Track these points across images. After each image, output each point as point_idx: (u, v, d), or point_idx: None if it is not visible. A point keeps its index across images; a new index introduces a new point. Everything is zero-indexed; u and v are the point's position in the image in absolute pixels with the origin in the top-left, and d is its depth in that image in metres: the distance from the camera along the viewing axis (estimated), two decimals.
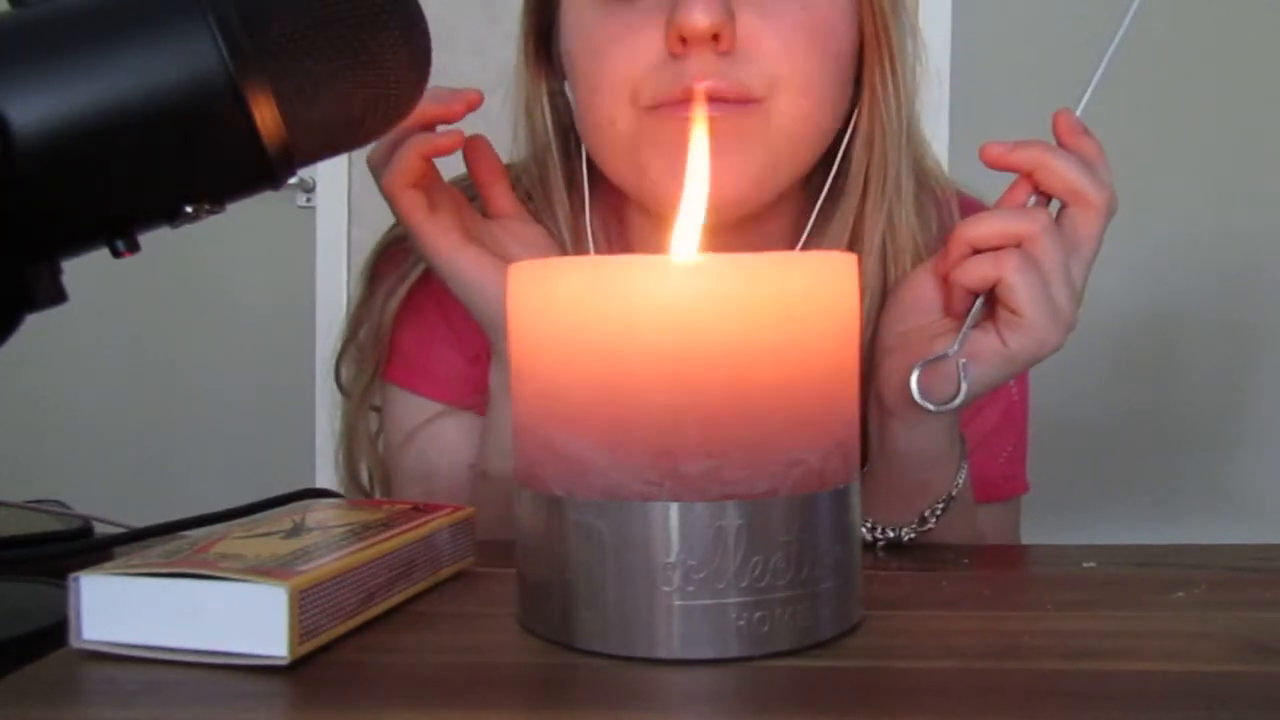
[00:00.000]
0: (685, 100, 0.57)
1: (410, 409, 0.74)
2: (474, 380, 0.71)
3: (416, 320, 0.73)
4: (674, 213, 0.45)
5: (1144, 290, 1.82)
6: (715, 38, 0.57)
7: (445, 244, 0.61)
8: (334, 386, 0.77)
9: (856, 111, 0.65)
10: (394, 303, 0.72)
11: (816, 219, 0.67)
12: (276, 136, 0.40)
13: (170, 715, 0.35)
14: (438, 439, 0.72)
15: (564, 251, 0.68)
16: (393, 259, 0.75)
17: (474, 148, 0.66)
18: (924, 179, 0.70)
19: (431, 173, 0.62)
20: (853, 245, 0.65)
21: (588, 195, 0.69)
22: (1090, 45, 0.56)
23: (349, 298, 0.78)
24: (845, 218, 0.65)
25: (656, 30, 0.58)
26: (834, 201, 0.66)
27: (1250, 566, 0.54)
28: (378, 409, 0.77)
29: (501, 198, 0.67)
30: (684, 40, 0.57)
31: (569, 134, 0.69)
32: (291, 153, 0.41)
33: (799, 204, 0.69)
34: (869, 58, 0.63)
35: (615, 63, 0.60)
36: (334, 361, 0.77)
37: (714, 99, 0.57)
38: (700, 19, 0.56)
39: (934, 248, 0.65)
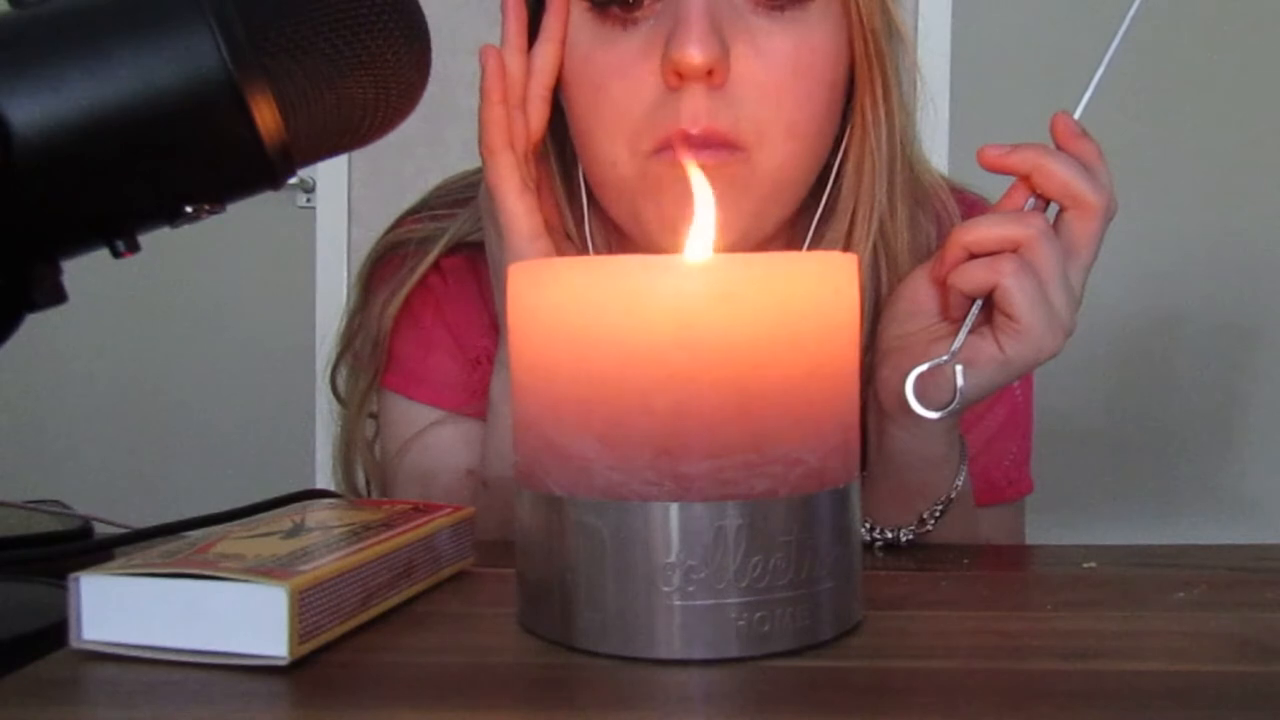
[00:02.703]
0: (680, 143, 0.57)
1: (408, 416, 0.73)
2: (472, 386, 0.71)
3: (414, 327, 0.73)
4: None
5: (1144, 292, 1.82)
6: (709, 72, 0.56)
7: (526, 227, 0.61)
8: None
9: (847, 137, 0.64)
10: (392, 309, 0.72)
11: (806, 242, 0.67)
12: (276, 136, 0.40)
13: (170, 715, 0.35)
14: (436, 445, 0.72)
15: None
16: (388, 266, 0.75)
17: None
18: (922, 198, 0.69)
19: (522, 156, 0.62)
20: None
21: (585, 199, 0.68)
22: (1090, 47, 0.56)
23: (348, 298, 0.78)
24: (834, 243, 0.65)
25: (653, 63, 0.58)
26: (824, 224, 0.66)
27: (1250, 566, 0.54)
28: (375, 416, 0.77)
29: (546, 207, 0.66)
30: (679, 74, 0.56)
31: (564, 140, 0.68)
32: (291, 153, 0.41)
33: (787, 228, 0.68)
34: (860, 82, 0.62)
35: (614, 102, 0.59)
36: (329, 371, 0.77)
37: (704, 143, 0.57)
38: (695, 56, 0.55)
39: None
